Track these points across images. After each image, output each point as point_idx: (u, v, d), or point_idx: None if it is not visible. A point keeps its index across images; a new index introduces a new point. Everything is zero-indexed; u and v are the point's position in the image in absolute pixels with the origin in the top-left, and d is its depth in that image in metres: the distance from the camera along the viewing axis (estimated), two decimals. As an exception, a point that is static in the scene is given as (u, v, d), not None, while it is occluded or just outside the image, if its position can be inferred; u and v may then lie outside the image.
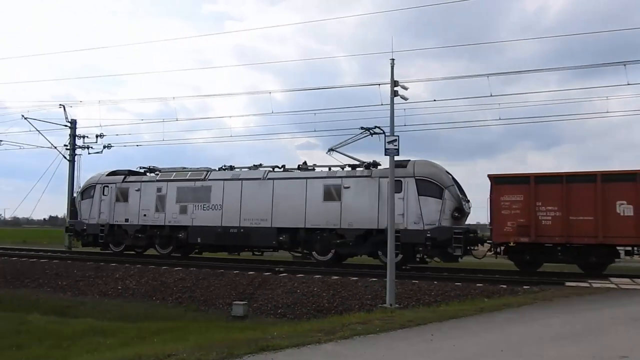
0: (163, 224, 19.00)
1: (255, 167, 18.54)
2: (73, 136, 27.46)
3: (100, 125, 27.42)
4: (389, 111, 11.30)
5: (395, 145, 10.85)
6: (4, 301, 13.86)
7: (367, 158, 17.26)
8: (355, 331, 6.39)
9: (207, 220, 18.10)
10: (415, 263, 16.16)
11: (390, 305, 10.23)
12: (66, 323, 10.75)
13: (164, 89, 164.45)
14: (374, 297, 11.96)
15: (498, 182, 14.51)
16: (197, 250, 19.74)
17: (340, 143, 17.19)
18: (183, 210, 18.71)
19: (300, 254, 17.93)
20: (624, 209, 13.05)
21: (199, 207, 18.41)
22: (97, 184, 20.73)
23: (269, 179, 17.58)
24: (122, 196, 20.02)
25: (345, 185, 16.39)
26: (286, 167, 18.01)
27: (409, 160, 16.21)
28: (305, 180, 17.01)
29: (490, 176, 14.87)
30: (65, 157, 27.52)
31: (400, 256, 14.89)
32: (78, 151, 27.54)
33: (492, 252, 14.69)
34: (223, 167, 19.13)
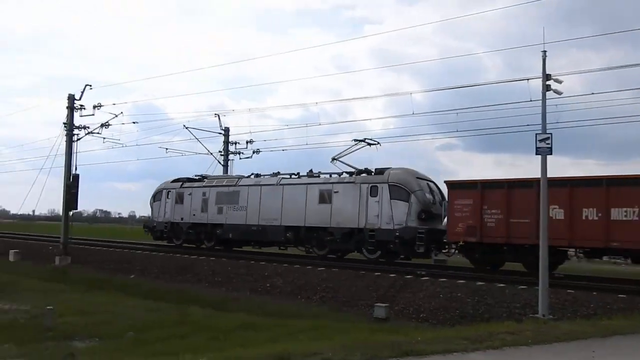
0: (206, 222, 22.70)
1: (274, 174, 21.58)
2: (226, 143, 29.47)
3: (250, 132, 29.24)
4: (540, 107, 10.57)
5: (548, 144, 10.14)
6: (170, 294, 15.28)
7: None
8: (504, 341, 6.06)
9: (236, 219, 21.46)
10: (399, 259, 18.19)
11: (543, 315, 9.57)
12: (222, 317, 11.56)
13: (307, 95, 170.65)
14: (523, 305, 11.27)
15: (452, 187, 16.39)
16: (257, 245, 22.49)
17: (341, 153, 19.88)
18: (220, 211, 22.26)
19: (304, 249, 20.42)
20: (556, 212, 14.02)
21: (231, 208, 21.86)
22: (163, 189, 25.11)
23: (280, 184, 20.53)
24: (179, 199, 24.11)
25: (335, 190, 18.86)
26: (299, 174, 20.80)
27: (388, 169, 18.32)
28: (306, 185, 19.72)
29: (446, 182, 16.88)
30: (220, 163, 29.67)
31: (378, 252, 17.77)
32: (231, 157, 29.54)
33: (447, 250, 16.90)
34: (251, 175, 22.69)
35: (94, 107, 24.40)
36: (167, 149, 29.47)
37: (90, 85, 24.38)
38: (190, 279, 17.84)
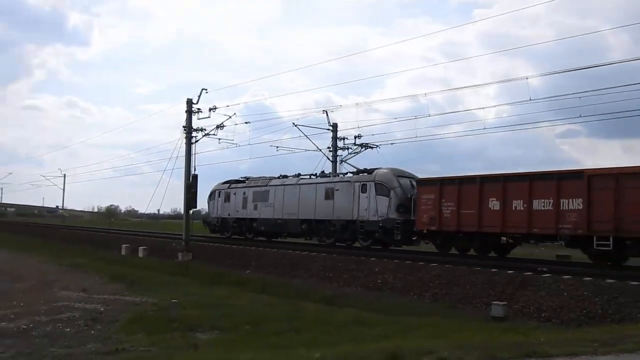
0: (246, 217, 27.41)
1: (296, 176, 25.59)
2: (335, 139, 29.77)
3: (358, 127, 29.12)
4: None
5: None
6: (283, 289, 15.74)
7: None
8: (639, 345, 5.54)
9: (266, 214, 25.78)
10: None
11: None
12: (334, 312, 11.70)
13: (415, 87, 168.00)
14: (662, 306, 10.26)
15: (419, 184, 19.93)
16: (285, 235, 26.45)
17: (347, 156, 26.38)
18: (255, 207, 26.78)
19: (317, 239, 23.69)
20: (494, 204, 16.94)
21: (263, 205, 26.24)
22: (216, 190, 30.02)
23: (298, 184, 24.59)
24: (227, 198, 28.98)
25: (336, 188, 22.49)
26: (313, 175, 25.00)
27: (377, 169, 21.69)
28: (315, 185, 23.69)
29: (416, 180, 20.65)
30: (328, 159, 30.04)
31: (370, 241, 21.44)
32: (339, 152, 29.79)
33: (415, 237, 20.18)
34: (279, 176, 26.71)
35: (210, 109, 25.85)
36: (277, 147, 30.36)
37: (206, 89, 25.64)
38: (302, 274, 18.25)
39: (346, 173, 23.78)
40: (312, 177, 25.02)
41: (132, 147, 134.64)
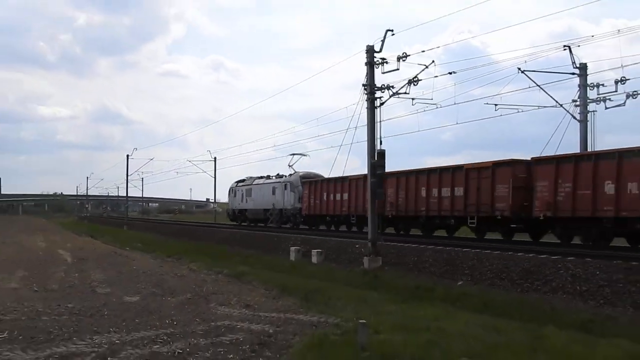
0: (242, 208, 59.13)
1: (268, 177, 55.04)
2: (584, 87, 28.19)
3: (622, 66, 27.00)
4: None
5: None
6: (513, 307, 15.39)
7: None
8: None
9: (250, 206, 57.17)
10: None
11: None
12: (592, 343, 11.12)
13: None
14: None
15: (304, 182, 46.69)
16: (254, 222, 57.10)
17: (294, 161, 52.07)
18: (246, 201, 58.02)
19: (271, 223, 52.20)
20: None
21: (249, 199, 57.31)
22: (231, 188, 62.42)
23: (262, 184, 54.91)
24: (235, 194, 61.05)
25: (275, 187, 51.65)
26: (269, 176, 55.32)
27: (296, 173, 50.07)
28: (269, 184, 53.16)
29: (303, 180, 47.60)
30: (574, 117, 28.54)
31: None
32: (592, 106, 28.10)
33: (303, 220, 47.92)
34: (263, 176, 56.63)
35: (398, 58, 24.97)
36: (496, 105, 29.79)
37: (392, 31, 24.72)
38: (541, 287, 17.71)
39: (283, 175, 52.74)
40: (272, 177, 54.33)
41: (295, 118, 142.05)
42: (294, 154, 51.31)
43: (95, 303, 16.16)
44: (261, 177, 56.09)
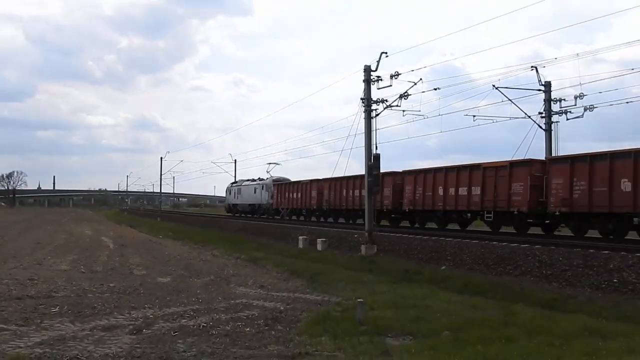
0: (235, 203, 66.98)
1: (253, 180, 63.16)
2: (548, 101, 28.13)
3: (580, 84, 27.08)
4: None
5: None
6: (488, 288, 15.35)
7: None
8: None
9: (240, 201, 64.85)
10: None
11: None
12: (555, 318, 11.08)
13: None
14: None
15: (274, 184, 55.65)
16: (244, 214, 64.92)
17: (271, 169, 60.34)
18: (237, 198, 66.15)
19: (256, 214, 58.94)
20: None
21: (239, 196, 65.34)
22: (227, 187, 72.37)
23: (248, 185, 63.28)
24: (229, 192, 70.39)
25: (256, 187, 60.01)
26: (254, 179, 63.69)
27: (271, 177, 58.04)
28: (253, 186, 61.56)
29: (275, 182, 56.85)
30: (540, 127, 28.50)
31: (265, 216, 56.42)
32: (555, 117, 28.06)
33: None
34: (248, 179, 66.37)
35: (391, 76, 25.24)
36: (474, 116, 29.72)
37: (386, 53, 25.07)
38: (512, 271, 17.63)
39: (263, 178, 60.62)
40: (256, 180, 61.75)
41: (304, 126, 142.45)
42: (270, 163, 60.09)
43: (133, 283, 16.19)
44: (248, 180, 64.95)
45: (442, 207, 30.70)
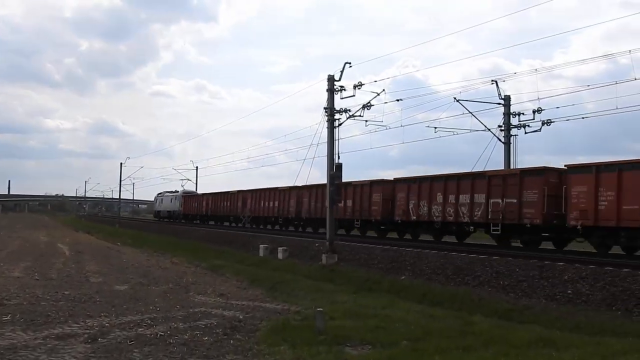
0: (160, 210, 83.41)
1: (171, 192, 79.47)
2: (507, 115, 28.64)
3: (538, 99, 27.68)
4: None
5: None
6: (447, 299, 15.52)
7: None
8: None
9: (162, 208, 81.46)
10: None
11: None
12: (512, 329, 11.26)
13: (612, 43, 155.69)
14: None
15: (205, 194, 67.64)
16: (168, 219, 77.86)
17: (184, 183, 79.73)
18: (160, 206, 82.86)
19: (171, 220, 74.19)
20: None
21: (162, 205, 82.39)
22: (155, 197, 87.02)
23: (168, 195, 79.62)
24: (156, 201, 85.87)
25: (172, 199, 76.03)
26: (172, 191, 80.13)
27: (184, 189, 77.26)
28: (170, 196, 77.78)
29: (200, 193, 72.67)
30: (499, 140, 28.98)
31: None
32: (514, 131, 28.58)
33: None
34: (169, 191, 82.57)
35: (355, 86, 25.41)
36: (435, 127, 30.08)
37: (350, 63, 25.27)
38: (470, 281, 17.86)
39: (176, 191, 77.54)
40: (174, 192, 76.91)
41: (267, 134, 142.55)
42: (183, 179, 78.82)
43: (89, 291, 15.86)
44: (169, 192, 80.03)
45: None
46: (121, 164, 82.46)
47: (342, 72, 25.21)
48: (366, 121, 27.11)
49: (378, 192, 32.89)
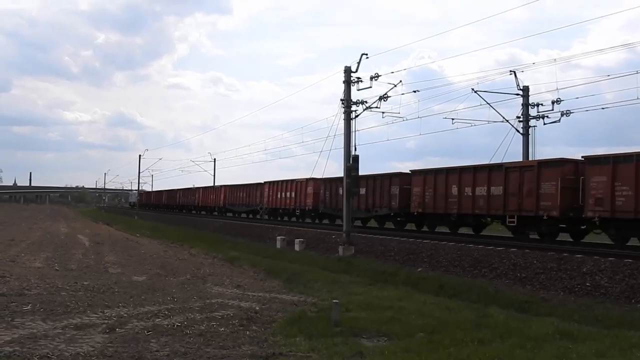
0: (130, 202, 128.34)
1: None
2: (526, 105, 28.34)
3: (557, 89, 27.33)
4: None
5: None
6: (464, 291, 15.46)
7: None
8: None
9: (132, 200, 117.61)
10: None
11: None
12: (528, 321, 11.18)
13: (632, 32, 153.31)
14: None
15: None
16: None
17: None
18: (131, 198, 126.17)
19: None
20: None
21: (133, 197, 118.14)
22: (130, 193, 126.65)
23: (134, 193, 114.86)
24: (129, 195, 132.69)
25: (135, 196, 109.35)
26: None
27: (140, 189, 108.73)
28: (135, 192, 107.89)
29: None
30: (518, 131, 28.72)
31: None
32: (532, 122, 28.31)
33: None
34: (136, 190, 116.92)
35: (371, 78, 25.40)
36: (452, 119, 29.90)
37: (367, 54, 25.27)
38: (487, 273, 17.79)
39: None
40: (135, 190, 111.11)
41: (283, 126, 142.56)
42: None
43: (108, 281, 16.01)
44: (134, 190, 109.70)
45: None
46: (140, 156, 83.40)
47: (358, 63, 25.18)
48: (383, 113, 27.02)
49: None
